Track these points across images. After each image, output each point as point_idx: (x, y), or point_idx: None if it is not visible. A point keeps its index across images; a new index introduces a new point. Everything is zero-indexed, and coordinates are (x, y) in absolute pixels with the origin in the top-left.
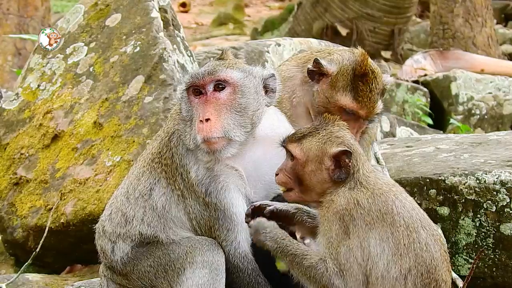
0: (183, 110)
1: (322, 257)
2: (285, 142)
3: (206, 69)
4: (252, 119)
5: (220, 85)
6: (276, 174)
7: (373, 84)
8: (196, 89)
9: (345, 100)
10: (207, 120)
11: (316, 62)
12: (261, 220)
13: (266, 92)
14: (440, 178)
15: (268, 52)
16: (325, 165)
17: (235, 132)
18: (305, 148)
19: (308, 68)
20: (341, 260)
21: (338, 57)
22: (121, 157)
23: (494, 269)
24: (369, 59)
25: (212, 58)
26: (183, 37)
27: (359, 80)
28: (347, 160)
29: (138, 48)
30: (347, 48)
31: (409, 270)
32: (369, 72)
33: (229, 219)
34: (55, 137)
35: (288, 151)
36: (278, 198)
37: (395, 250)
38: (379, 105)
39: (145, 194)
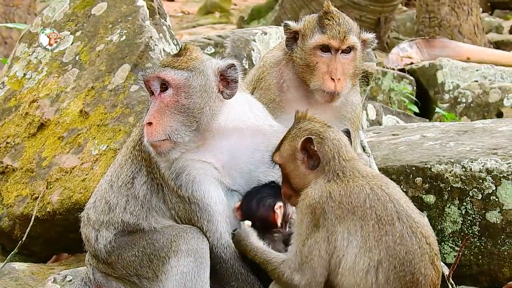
0: None
1: (283, 259)
2: (272, 157)
3: (151, 69)
4: (199, 117)
5: (164, 86)
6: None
7: (340, 19)
8: (149, 88)
9: (315, 38)
10: (150, 124)
11: (285, 25)
12: (240, 230)
13: (228, 83)
14: (426, 166)
15: (254, 40)
16: (299, 160)
17: (177, 133)
18: (281, 152)
19: (286, 38)
20: (305, 252)
21: (303, 18)
22: (107, 146)
23: (480, 257)
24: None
25: (199, 47)
26: (169, 25)
27: (324, 17)
28: (312, 147)
29: (124, 37)
30: None
31: (380, 262)
32: (333, 10)
33: (206, 211)
34: (41, 126)
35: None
36: (259, 186)
37: (363, 243)
38: (353, 38)
39: (128, 183)
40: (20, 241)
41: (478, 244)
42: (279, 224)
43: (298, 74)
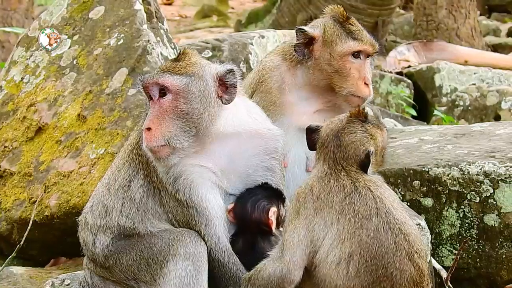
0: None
1: (270, 257)
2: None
3: (150, 74)
4: (198, 122)
5: (163, 91)
6: None
7: (360, 25)
8: (148, 94)
9: (349, 44)
10: (149, 129)
11: (300, 31)
12: None
13: (227, 88)
14: (423, 169)
15: (251, 44)
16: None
17: (176, 139)
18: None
19: (295, 44)
20: (286, 237)
21: (313, 23)
22: (105, 150)
23: (477, 260)
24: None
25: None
26: (166, 29)
27: (347, 24)
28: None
29: (121, 41)
30: None
31: (351, 255)
32: (350, 16)
33: (204, 215)
34: (39, 130)
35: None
36: (252, 188)
37: (337, 235)
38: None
39: (124, 186)
40: (18, 245)
41: (476, 247)
42: (273, 229)
43: (311, 79)
